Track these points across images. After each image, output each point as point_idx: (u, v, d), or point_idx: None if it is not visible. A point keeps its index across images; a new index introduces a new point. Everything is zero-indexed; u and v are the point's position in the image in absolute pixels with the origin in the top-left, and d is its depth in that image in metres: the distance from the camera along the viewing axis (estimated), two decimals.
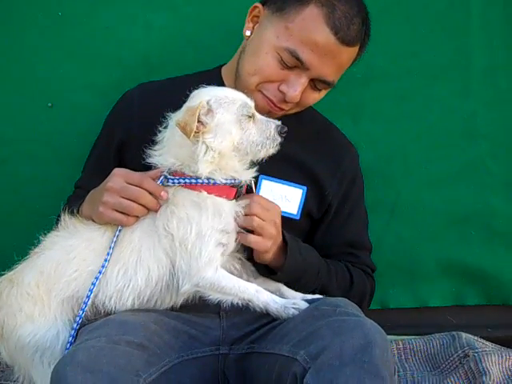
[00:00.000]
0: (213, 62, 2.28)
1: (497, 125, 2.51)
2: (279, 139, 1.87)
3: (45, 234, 1.94)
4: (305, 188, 2.10)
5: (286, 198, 2.06)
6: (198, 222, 1.80)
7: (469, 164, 2.51)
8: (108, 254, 1.81)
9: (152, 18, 2.43)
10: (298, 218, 2.11)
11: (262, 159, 1.88)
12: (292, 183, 2.09)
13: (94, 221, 1.89)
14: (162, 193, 1.81)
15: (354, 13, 1.94)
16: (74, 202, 2.06)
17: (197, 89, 1.92)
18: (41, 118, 2.46)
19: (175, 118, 1.86)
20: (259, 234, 1.86)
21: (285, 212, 2.02)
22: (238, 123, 1.83)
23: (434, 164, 2.51)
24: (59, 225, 1.92)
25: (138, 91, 2.21)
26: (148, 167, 1.90)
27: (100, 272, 1.80)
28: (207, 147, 1.80)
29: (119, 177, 1.85)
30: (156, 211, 1.84)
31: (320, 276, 2.04)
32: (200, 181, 1.82)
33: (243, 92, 1.95)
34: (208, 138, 1.80)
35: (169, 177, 1.84)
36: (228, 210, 1.83)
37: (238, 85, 2.08)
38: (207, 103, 1.81)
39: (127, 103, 2.20)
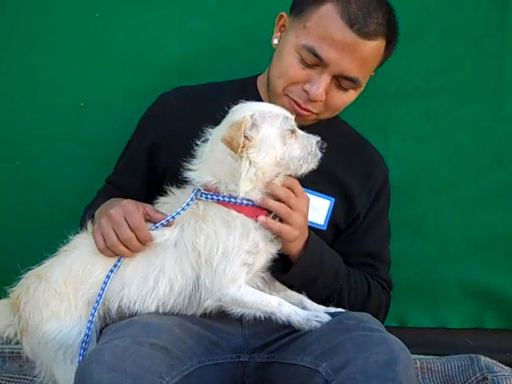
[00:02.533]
0: (246, 69, 2.29)
1: None
2: (320, 154, 1.88)
3: (74, 232, 1.95)
4: (333, 199, 2.11)
5: (314, 207, 2.06)
6: (225, 241, 1.80)
7: (497, 187, 2.49)
8: (115, 265, 1.84)
9: (188, 23, 2.44)
10: (324, 228, 2.12)
11: (302, 175, 1.89)
12: (320, 194, 2.10)
13: None
14: (148, 242, 1.83)
15: (372, 7, 1.94)
16: (102, 197, 2.12)
17: (233, 99, 1.93)
18: (72, 116, 2.48)
19: (217, 133, 1.86)
20: (287, 223, 1.86)
21: (311, 222, 2.02)
22: (281, 138, 1.84)
23: (462, 185, 2.50)
24: (88, 226, 1.93)
25: (174, 95, 2.23)
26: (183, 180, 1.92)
27: (112, 271, 1.82)
28: (250, 163, 1.80)
29: (122, 210, 1.87)
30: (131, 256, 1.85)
31: (338, 279, 2.03)
32: (233, 200, 1.83)
33: (274, 100, 1.97)
34: (252, 152, 1.80)
35: (203, 192, 1.85)
36: (256, 231, 1.84)
37: (270, 93, 2.10)
38: (251, 117, 1.81)
39: (161, 106, 2.22)
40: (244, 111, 1.85)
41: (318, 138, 1.90)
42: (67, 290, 1.84)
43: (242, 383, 1.92)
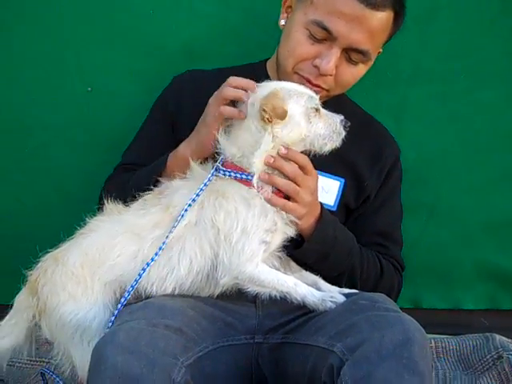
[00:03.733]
0: (256, 53, 2.30)
1: None
2: (344, 133, 1.89)
3: (87, 216, 1.95)
4: (343, 180, 2.11)
5: (324, 189, 2.07)
6: (244, 218, 1.81)
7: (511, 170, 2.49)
8: (160, 248, 1.82)
9: (197, 6, 2.44)
10: (335, 209, 2.13)
11: (326, 152, 1.90)
12: (330, 175, 2.10)
13: (199, 156, 1.93)
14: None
15: None
16: (123, 175, 2.11)
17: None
18: (80, 102, 2.47)
19: (246, 108, 1.86)
20: (294, 200, 1.86)
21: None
22: (306, 116, 1.85)
23: (476, 168, 2.49)
24: (104, 209, 1.93)
25: (188, 77, 2.25)
26: None
27: (148, 264, 1.81)
28: (273, 137, 1.81)
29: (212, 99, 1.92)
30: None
31: (351, 257, 2.03)
32: (250, 178, 1.83)
33: (284, 80, 1.98)
34: (277, 128, 1.81)
35: (221, 168, 1.85)
36: (275, 210, 1.84)
37: (280, 75, 2.12)
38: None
39: (177, 87, 2.24)
40: (271, 86, 1.87)
41: (342, 117, 1.91)
42: (84, 272, 1.85)
43: (256, 364, 1.93)
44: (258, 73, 2.18)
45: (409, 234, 2.30)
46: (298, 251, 1.95)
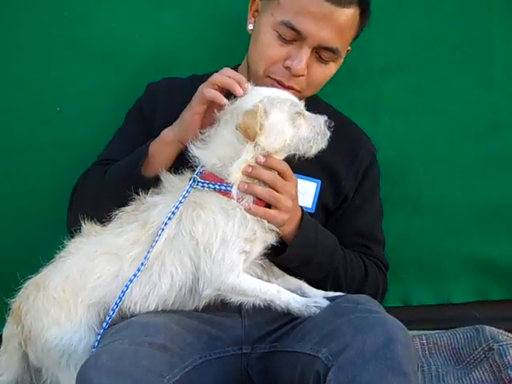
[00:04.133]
0: (224, 60, 2.25)
1: None
2: (329, 134, 1.90)
3: (65, 237, 1.94)
4: (319, 181, 2.10)
5: (300, 191, 2.05)
6: (223, 228, 1.80)
7: (494, 157, 2.47)
8: (142, 264, 1.81)
9: (160, 17, 2.41)
10: (313, 211, 2.12)
11: (313, 155, 1.90)
12: (306, 177, 2.10)
13: (181, 140, 1.93)
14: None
15: None
16: (108, 168, 2.07)
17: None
18: (51, 122, 2.45)
19: (226, 116, 1.86)
20: (275, 207, 1.85)
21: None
22: (290, 121, 1.85)
23: (457, 157, 2.47)
24: (82, 230, 1.92)
25: (164, 84, 2.25)
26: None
27: (131, 281, 1.81)
28: (255, 146, 1.82)
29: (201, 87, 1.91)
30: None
31: (334, 259, 2.03)
32: (230, 189, 1.82)
33: (255, 84, 1.97)
34: (260, 138, 1.81)
35: (199, 180, 1.84)
36: (255, 219, 1.84)
37: (251, 80, 2.09)
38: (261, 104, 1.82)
39: (151, 93, 2.24)
40: (253, 97, 1.86)
41: (326, 118, 1.91)
42: (66, 296, 1.85)
43: (246, 375, 1.93)
44: None
45: (394, 229, 2.30)
46: (281, 257, 1.94)
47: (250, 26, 2.14)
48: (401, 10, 2.39)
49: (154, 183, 1.92)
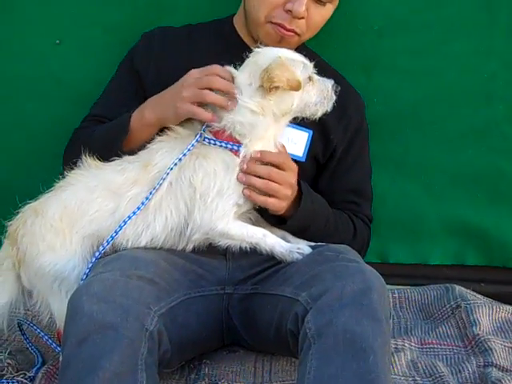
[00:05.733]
0: (225, 5, 2.29)
1: None
2: (335, 97, 1.95)
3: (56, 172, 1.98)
4: (310, 131, 2.13)
5: (293, 140, 2.10)
6: (222, 180, 1.86)
7: (483, 126, 2.47)
8: (143, 203, 1.86)
9: None
10: (303, 160, 2.15)
11: (317, 117, 1.95)
12: (298, 126, 2.12)
13: (163, 125, 1.95)
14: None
15: None
16: (96, 128, 2.11)
17: (213, 40, 2.04)
18: (48, 54, 2.45)
19: (241, 75, 1.88)
20: (275, 197, 1.92)
21: (291, 154, 2.06)
22: (302, 85, 1.87)
23: (447, 123, 2.48)
24: (81, 163, 1.96)
25: (158, 33, 2.26)
26: None
27: (128, 218, 1.86)
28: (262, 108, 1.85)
29: (193, 73, 1.92)
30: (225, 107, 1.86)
31: (327, 227, 2.11)
32: (235, 148, 1.87)
33: (257, 32, 2.05)
34: (270, 98, 1.85)
35: (206, 136, 1.89)
36: None
37: (250, 28, 2.16)
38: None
39: (146, 43, 2.24)
40: (269, 55, 1.89)
41: (333, 82, 1.96)
42: (62, 225, 1.90)
43: (226, 313, 2.02)
44: (226, 28, 2.24)
45: (377, 187, 2.33)
46: (280, 227, 2.01)
47: None
48: None
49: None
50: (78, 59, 2.45)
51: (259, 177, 1.89)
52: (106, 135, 2.05)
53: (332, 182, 2.23)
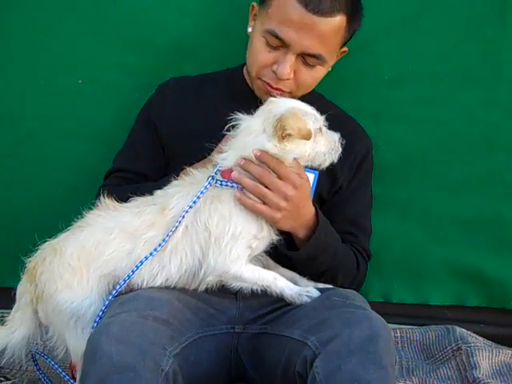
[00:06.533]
0: (244, 48, 2.35)
1: None
2: (340, 149, 2.05)
3: (83, 208, 2.05)
4: (317, 173, 2.19)
5: None
6: (236, 222, 1.93)
7: (486, 173, 2.56)
8: (160, 245, 1.93)
9: (185, 3, 2.51)
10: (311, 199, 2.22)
11: (324, 168, 2.05)
12: (306, 168, 2.18)
13: None
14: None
15: None
16: (128, 188, 2.20)
17: (224, 89, 2.18)
18: (71, 93, 2.54)
19: (251, 122, 1.97)
20: (264, 203, 1.97)
21: None
22: (313, 135, 1.96)
23: (452, 170, 2.57)
24: (99, 204, 2.04)
25: (172, 84, 2.38)
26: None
27: (143, 261, 1.93)
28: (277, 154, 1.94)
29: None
30: None
31: (335, 258, 2.17)
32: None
33: (253, 84, 2.19)
34: (286, 144, 1.93)
35: (218, 178, 1.97)
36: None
37: (249, 79, 2.29)
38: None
39: (161, 95, 2.37)
40: (282, 106, 1.97)
41: (339, 135, 2.05)
42: (80, 264, 1.96)
43: (235, 352, 2.08)
44: (236, 78, 2.36)
45: (383, 230, 2.42)
46: (292, 254, 2.08)
47: (249, 29, 2.27)
48: (419, 25, 2.47)
49: None
50: (99, 99, 2.55)
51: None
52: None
53: (331, 212, 2.28)
